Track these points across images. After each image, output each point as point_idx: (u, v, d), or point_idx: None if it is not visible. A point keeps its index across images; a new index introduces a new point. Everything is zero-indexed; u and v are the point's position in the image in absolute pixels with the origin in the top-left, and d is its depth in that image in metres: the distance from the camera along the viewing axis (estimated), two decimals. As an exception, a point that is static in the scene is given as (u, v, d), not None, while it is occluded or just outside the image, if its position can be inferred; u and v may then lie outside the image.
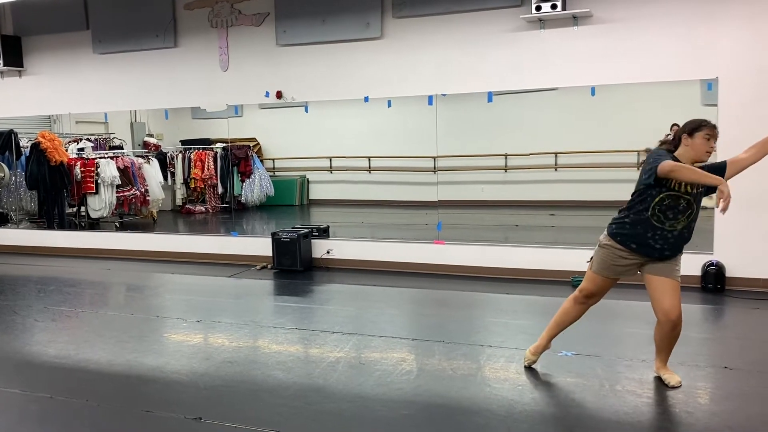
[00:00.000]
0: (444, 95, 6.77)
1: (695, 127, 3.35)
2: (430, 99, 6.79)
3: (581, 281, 6.06)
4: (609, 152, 8.97)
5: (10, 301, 6.12)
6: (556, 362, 4.06)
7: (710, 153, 3.37)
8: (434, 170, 8.05)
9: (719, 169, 3.40)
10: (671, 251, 3.43)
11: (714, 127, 3.35)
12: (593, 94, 6.31)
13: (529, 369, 3.95)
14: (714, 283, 5.82)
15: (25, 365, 4.32)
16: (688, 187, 3.29)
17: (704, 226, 6.56)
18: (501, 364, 4.06)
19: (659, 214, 3.36)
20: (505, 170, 9.36)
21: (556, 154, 9.11)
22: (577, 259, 6.34)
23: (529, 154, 8.12)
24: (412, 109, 7.62)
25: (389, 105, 7.32)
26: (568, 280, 6.20)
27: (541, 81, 6.44)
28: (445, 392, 3.65)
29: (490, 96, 6.60)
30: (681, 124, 3.47)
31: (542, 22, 6.28)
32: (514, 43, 6.44)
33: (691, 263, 5.96)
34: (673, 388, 3.56)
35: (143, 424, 3.33)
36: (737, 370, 3.90)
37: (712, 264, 5.86)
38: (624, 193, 9.47)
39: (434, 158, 7.87)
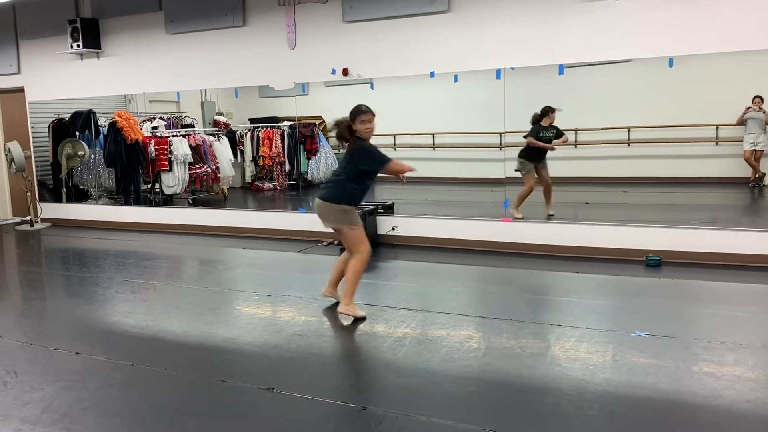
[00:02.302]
0: (513, 69, 6.61)
1: (353, 114, 4.45)
2: (498, 73, 6.65)
3: (656, 260, 5.91)
4: (686, 126, 8.59)
5: (92, 274, 6.44)
6: (629, 343, 3.96)
7: (369, 131, 4.47)
8: (500, 146, 7.91)
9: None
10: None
11: (367, 112, 4.43)
12: (671, 65, 6.03)
13: (598, 351, 3.86)
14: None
15: (108, 334, 4.55)
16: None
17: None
18: (571, 343, 3.98)
19: (369, 182, 4.66)
20: (575, 146, 9.11)
21: (629, 128, 8.79)
22: (650, 237, 6.15)
23: (600, 129, 7.86)
24: (479, 83, 7.47)
25: (456, 80, 7.21)
26: (641, 259, 6.01)
27: (615, 52, 6.20)
28: (513, 370, 3.62)
29: (561, 68, 6.41)
30: (763, 97, 3.33)
31: (617, -9, 6.04)
32: (587, 12, 6.21)
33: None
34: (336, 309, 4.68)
35: (219, 393, 3.44)
36: (826, 355, 3.70)
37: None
38: (701, 168, 9.14)
39: (501, 134, 7.73)
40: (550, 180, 7.40)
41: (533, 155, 7.39)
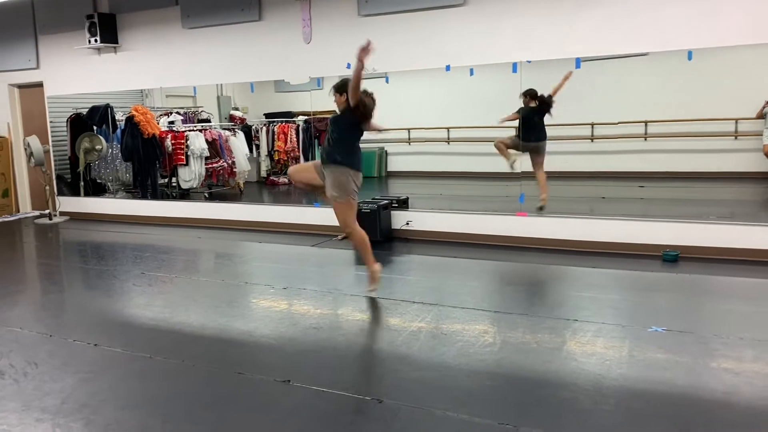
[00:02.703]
0: (529, 62, 6.58)
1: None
2: (515, 66, 6.62)
3: (673, 255, 5.87)
4: (704, 120, 8.51)
5: (110, 267, 6.51)
6: (645, 338, 3.94)
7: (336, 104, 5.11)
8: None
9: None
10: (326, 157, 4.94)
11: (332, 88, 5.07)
12: (690, 58, 5.96)
13: (615, 347, 3.84)
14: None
15: (126, 326, 4.60)
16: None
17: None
18: (588, 338, 3.97)
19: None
20: (592, 140, 9.05)
21: (646, 122, 8.72)
22: (668, 232, 6.10)
23: (617, 123, 7.80)
24: (495, 77, 7.45)
25: (471, 73, 7.19)
26: (658, 254, 5.97)
27: (632, 45, 6.13)
28: (529, 365, 3.61)
29: (578, 62, 6.36)
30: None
31: (635, -17, 5.97)
32: (605, 5, 6.15)
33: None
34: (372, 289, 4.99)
35: (236, 385, 3.47)
36: None
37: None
38: (720, 163, 9.09)
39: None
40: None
41: None
